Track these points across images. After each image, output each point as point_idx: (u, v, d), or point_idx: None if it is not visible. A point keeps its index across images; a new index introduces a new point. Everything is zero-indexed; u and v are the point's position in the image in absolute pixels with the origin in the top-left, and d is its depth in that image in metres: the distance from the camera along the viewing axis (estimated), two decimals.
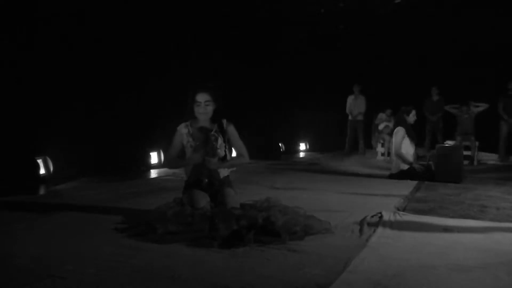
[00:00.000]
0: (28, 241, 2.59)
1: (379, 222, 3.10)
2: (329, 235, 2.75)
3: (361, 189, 4.81)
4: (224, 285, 1.93)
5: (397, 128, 5.88)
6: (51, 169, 5.29)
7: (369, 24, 9.93)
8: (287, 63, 9.77)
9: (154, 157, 6.76)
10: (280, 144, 10.33)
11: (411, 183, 5.25)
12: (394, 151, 5.83)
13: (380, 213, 3.35)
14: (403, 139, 5.79)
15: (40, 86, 5.16)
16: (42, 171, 5.18)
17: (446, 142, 5.86)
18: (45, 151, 5.29)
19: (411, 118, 5.96)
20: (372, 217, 3.27)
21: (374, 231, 2.86)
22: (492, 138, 8.70)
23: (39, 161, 5.17)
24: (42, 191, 4.66)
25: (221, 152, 3.25)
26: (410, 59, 10.41)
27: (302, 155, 10.50)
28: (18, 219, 3.11)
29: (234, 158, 3.42)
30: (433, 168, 5.71)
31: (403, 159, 5.74)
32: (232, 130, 3.33)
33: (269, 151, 9.30)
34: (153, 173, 6.19)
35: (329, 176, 6.07)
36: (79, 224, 3.01)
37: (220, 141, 3.25)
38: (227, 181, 3.33)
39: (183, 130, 3.30)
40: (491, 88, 8.75)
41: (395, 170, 5.83)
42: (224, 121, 3.31)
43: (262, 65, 9.04)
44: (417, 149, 6.36)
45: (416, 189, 4.87)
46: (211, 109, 3.24)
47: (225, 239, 2.52)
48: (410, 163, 5.74)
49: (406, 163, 5.74)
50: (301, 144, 11.48)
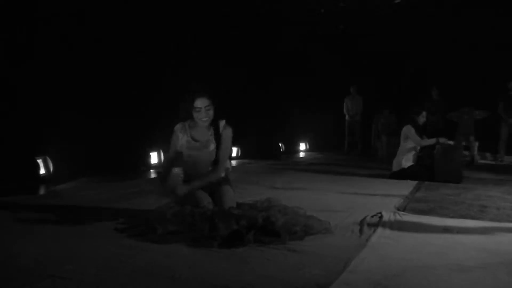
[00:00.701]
0: (28, 241, 2.58)
1: (379, 222, 3.10)
2: (329, 235, 2.75)
3: (361, 189, 4.80)
4: (224, 285, 1.93)
5: (406, 126, 5.86)
6: (51, 169, 5.29)
7: (369, 24, 9.94)
8: (287, 63, 9.77)
9: (154, 157, 6.76)
10: (280, 144, 10.34)
11: (411, 183, 5.24)
12: (416, 144, 5.79)
13: (380, 213, 3.35)
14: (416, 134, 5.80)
15: (40, 86, 5.15)
16: (42, 171, 5.18)
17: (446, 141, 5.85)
18: (45, 151, 5.28)
19: (421, 119, 5.96)
20: (372, 217, 3.27)
21: (374, 231, 2.86)
22: (492, 138, 8.69)
23: (39, 161, 5.17)
24: (42, 191, 4.66)
25: (212, 156, 3.23)
26: (410, 59, 10.41)
27: (302, 155, 10.51)
28: (18, 219, 3.11)
29: (208, 172, 3.26)
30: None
31: (429, 144, 5.77)
32: (226, 134, 3.26)
33: (269, 151, 9.30)
34: (153, 173, 6.19)
35: (329, 176, 6.06)
36: (79, 224, 3.01)
37: (212, 147, 3.23)
38: (225, 180, 3.32)
39: (179, 130, 3.29)
40: (491, 88, 8.75)
41: (395, 169, 5.83)
42: (222, 124, 3.27)
43: (262, 65, 9.04)
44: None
45: (416, 189, 4.86)
46: (212, 113, 3.19)
47: (225, 239, 2.52)
48: (436, 142, 5.75)
49: (432, 143, 5.76)
50: (301, 144, 11.50)
